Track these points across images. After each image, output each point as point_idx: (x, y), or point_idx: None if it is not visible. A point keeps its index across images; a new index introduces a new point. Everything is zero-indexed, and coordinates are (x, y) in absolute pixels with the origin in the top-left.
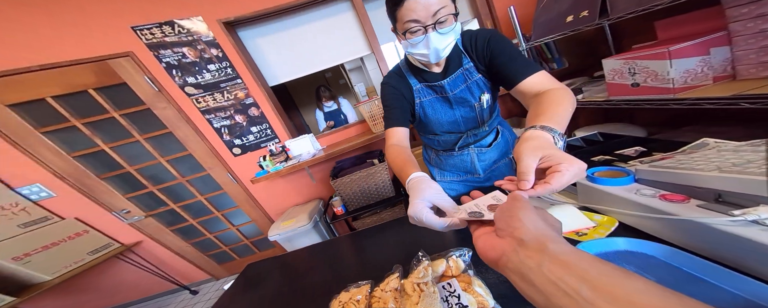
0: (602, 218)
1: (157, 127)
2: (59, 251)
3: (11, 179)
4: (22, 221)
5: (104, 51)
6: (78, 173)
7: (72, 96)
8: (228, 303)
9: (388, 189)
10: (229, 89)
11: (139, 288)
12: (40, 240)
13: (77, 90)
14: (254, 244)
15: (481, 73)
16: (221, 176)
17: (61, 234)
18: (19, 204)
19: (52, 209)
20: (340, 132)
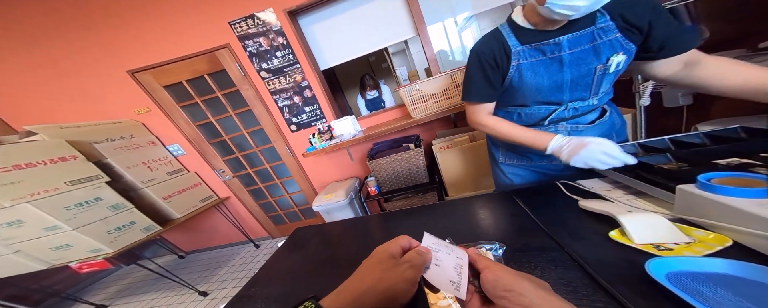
0: (706, 235)
1: (243, 105)
2: (185, 196)
3: (164, 139)
4: (168, 170)
5: (212, 44)
6: (198, 139)
7: (195, 80)
8: (279, 259)
9: (422, 175)
10: (290, 73)
11: (223, 235)
12: (176, 186)
13: (198, 75)
14: (301, 212)
15: (625, 32)
16: (282, 148)
17: (186, 184)
18: (167, 158)
19: (184, 164)
20: (379, 115)
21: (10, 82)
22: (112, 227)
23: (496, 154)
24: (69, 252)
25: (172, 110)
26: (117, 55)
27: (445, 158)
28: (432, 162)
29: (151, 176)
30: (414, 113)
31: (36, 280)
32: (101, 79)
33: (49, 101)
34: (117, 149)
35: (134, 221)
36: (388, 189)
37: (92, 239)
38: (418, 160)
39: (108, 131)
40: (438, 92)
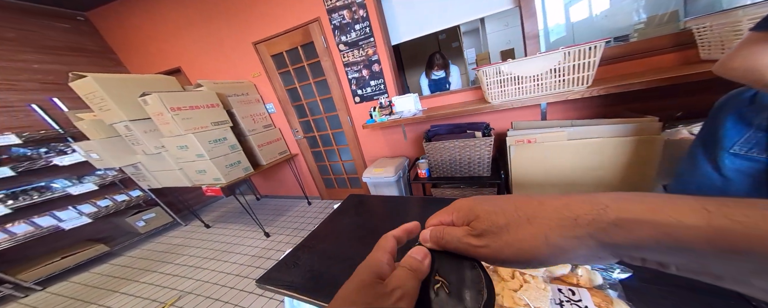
0: None
1: (320, 75)
2: (271, 147)
3: (264, 98)
4: (264, 124)
5: (306, 18)
6: (285, 101)
7: (291, 51)
8: (334, 220)
9: (484, 167)
10: (364, 47)
11: (288, 187)
12: (267, 138)
13: (293, 47)
14: (349, 179)
15: None
16: (344, 118)
17: (272, 137)
18: (264, 114)
19: (273, 120)
20: (443, 97)
21: (190, 49)
22: (228, 162)
23: (730, 133)
24: (203, 177)
25: (273, 75)
26: (247, 30)
27: (522, 154)
28: (500, 155)
29: (254, 126)
30: (491, 98)
31: (180, 194)
32: (237, 49)
33: (209, 63)
34: (239, 102)
35: (240, 161)
36: (440, 175)
37: (217, 169)
38: (483, 150)
39: (235, 88)
40: (530, 76)
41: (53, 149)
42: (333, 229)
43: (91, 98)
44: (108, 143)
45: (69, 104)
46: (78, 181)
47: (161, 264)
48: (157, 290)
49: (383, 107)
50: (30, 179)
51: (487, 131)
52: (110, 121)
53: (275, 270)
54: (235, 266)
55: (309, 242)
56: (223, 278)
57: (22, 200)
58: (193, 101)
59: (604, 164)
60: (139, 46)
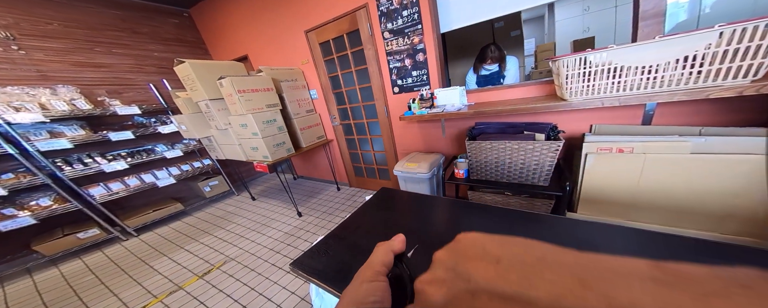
0: None
1: (362, 63)
2: (310, 131)
3: (309, 84)
4: (307, 109)
5: (355, 5)
6: (327, 88)
7: (337, 39)
8: (366, 212)
9: (542, 176)
10: (409, 35)
11: (321, 171)
12: (308, 122)
13: (340, 35)
14: (379, 171)
15: None
16: (380, 108)
17: (313, 122)
18: (308, 99)
19: (315, 106)
20: (494, 92)
21: (254, 38)
22: (275, 142)
23: None
24: (255, 153)
25: (319, 63)
26: (301, 18)
27: (604, 165)
28: (565, 164)
29: (298, 110)
30: (569, 94)
31: (235, 167)
32: (291, 37)
33: (268, 51)
34: (289, 88)
35: (284, 142)
36: (480, 177)
37: (266, 148)
38: (545, 155)
39: (287, 74)
40: (641, 67)
41: (159, 119)
42: (364, 222)
43: (186, 80)
44: (193, 118)
45: (172, 84)
46: (171, 147)
47: (216, 228)
48: (210, 252)
49: (424, 99)
50: (142, 142)
51: (554, 134)
52: (196, 99)
53: (308, 255)
54: (271, 240)
55: (340, 231)
56: (260, 250)
57: (136, 159)
58: (255, 85)
59: (748, 190)
60: (220, 36)
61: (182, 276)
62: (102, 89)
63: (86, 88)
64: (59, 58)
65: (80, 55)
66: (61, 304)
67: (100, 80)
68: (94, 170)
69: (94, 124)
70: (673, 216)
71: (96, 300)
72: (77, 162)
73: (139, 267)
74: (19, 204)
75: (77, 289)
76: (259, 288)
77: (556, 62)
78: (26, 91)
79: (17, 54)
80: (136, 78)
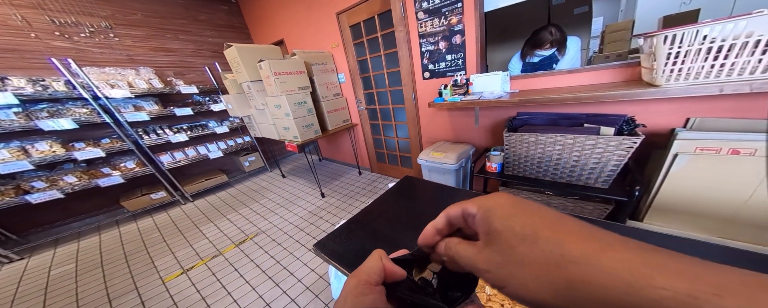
0: None
1: (392, 46)
2: (337, 115)
3: (337, 68)
4: (334, 92)
5: None
6: (355, 71)
7: (368, 21)
8: (388, 199)
9: (603, 177)
10: (447, 15)
11: (344, 154)
12: (335, 106)
13: (371, 16)
14: (401, 158)
15: None
16: (408, 94)
17: (339, 105)
18: (336, 83)
19: (342, 90)
20: (545, 78)
21: (289, 22)
22: (305, 124)
23: None
24: (287, 133)
25: (348, 46)
26: (333, 0)
27: (700, 169)
28: (636, 164)
29: (326, 94)
30: (665, 79)
31: (270, 145)
32: (322, 20)
33: (301, 35)
34: (319, 71)
35: (312, 124)
36: (517, 173)
37: (296, 128)
38: (612, 153)
39: (318, 57)
40: None
41: (211, 98)
42: (386, 209)
43: (233, 63)
44: (237, 98)
45: (222, 67)
46: (220, 123)
47: (251, 201)
48: (245, 223)
49: (458, 85)
50: (198, 118)
51: (630, 127)
52: (240, 80)
53: (330, 238)
54: (296, 218)
55: (362, 217)
56: (286, 226)
57: (194, 132)
58: (289, 68)
59: None
60: (260, 21)
61: (223, 242)
62: (170, 70)
63: (159, 69)
64: (141, 44)
65: (155, 41)
66: (135, 255)
67: (169, 62)
68: (163, 140)
69: (164, 100)
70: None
71: (160, 255)
72: (152, 133)
73: (191, 231)
74: (113, 165)
75: (148, 243)
76: (283, 262)
77: (651, 39)
78: (119, 71)
79: (114, 41)
80: (195, 61)
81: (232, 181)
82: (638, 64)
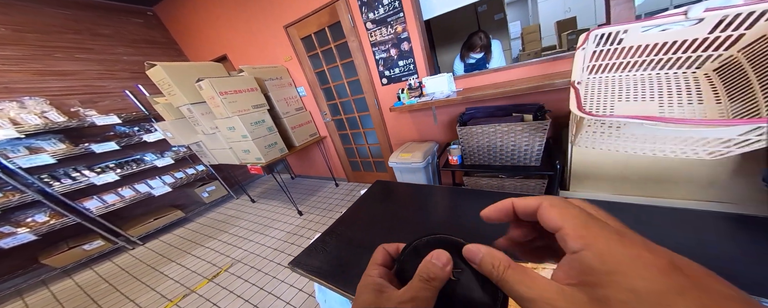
0: None
1: (347, 56)
2: (302, 130)
3: (295, 82)
4: (296, 107)
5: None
6: (314, 84)
7: (319, 33)
8: (361, 206)
9: (533, 156)
10: (392, 24)
11: (318, 168)
12: (299, 121)
13: (321, 28)
14: (375, 164)
15: None
16: (370, 100)
17: (304, 120)
18: (296, 97)
19: (304, 103)
20: (481, 76)
21: (231, 36)
22: (266, 143)
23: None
24: (248, 156)
25: (303, 59)
26: (278, 13)
27: None
28: (554, 143)
29: (287, 109)
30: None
31: (231, 171)
32: (270, 33)
33: (248, 49)
34: (274, 86)
35: (276, 142)
36: (474, 162)
37: (258, 149)
38: (534, 136)
39: (270, 72)
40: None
41: (142, 127)
42: (360, 216)
43: (162, 84)
44: (177, 124)
45: (150, 89)
46: (161, 155)
47: (219, 233)
48: (216, 255)
49: (412, 88)
50: (129, 152)
51: (541, 114)
52: (177, 104)
53: (305, 254)
54: (274, 241)
55: (337, 227)
56: (264, 251)
57: (126, 169)
58: (237, 86)
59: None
60: (194, 36)
61: (192, 279)
62: (73, 98)
63: (56, 98)
64: (18, 68)
65: (39, 63)
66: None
67: (69, 89)
68: (84, 183)
69: (73, 136)
70: (663, 187)
71: (115, 306)
72: (65, 177)
73: (149, 274)
74: (15, 222)
75: (95, 297)
76: (267, 287)
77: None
78: None
79: None
80: (109, 85)
81: (191, 215)
82: (550, 60)
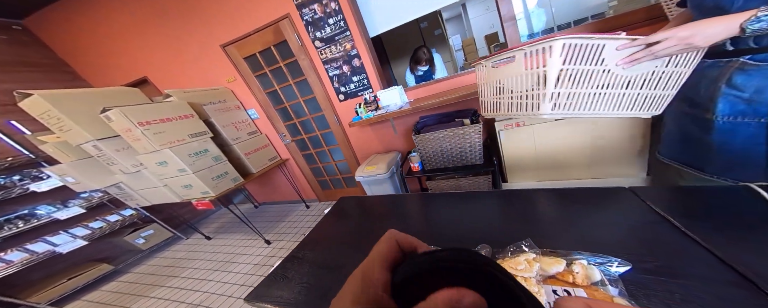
0: None
1: (299, 74)
2: (259, 155)
3: (244, 104)
4: (248, 131)
5: (276, 15)
6: (267, 105)
7: (264, 51)
8: (326, 225)
9: (476, 155)
10: (341, 42)
11: (284, 193)
12: (254, 145)
13: (266, 47)
14: (344, 180)
15: None
16: (330, 117)
17: (260, 144)
18: (247, 120)
19: (258, 126)
20: (429, 86)
21: (153, 56)
22: (214, 174)
23: None
24: (191, 191)
25: (249, 79)
26: (212, 31)
27: (512, 139)
28: (491, 141)
29: (237, 135)
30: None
31: (174, 210)
32: (205, 53)
33: (177, 70)
34: (216, 110)
35: (227, 172)
36: (433, 167)
37: (203, 182)
38: (473, 138)
39: (210, 95)
40: None
41: (27, 175)
42: (324, 236)
43: (48, 118)
44: (81, 165)
45: (32, 126)
46: (63, 206)
47: (168, 279)
48: (168, 304)
49: (368, 102)
50: (12, 207)
51: (476, 118)
52: (75, 142)
53: (264, 285)
54: (240, 276)
55: (299, 251)
56: (229, 289)
57: (8, 230)
58: (164, 114)
59: (595, 143)
60: (94, 56)
61: None
62: None
63: None
64: None
65: None
66: None
67: None
68: None
69: None
70: (565, 171)
71: None
72: None
73: None
74: None
75: None
76: None
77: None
78: None
79: None
80: None
81: (124, 266)
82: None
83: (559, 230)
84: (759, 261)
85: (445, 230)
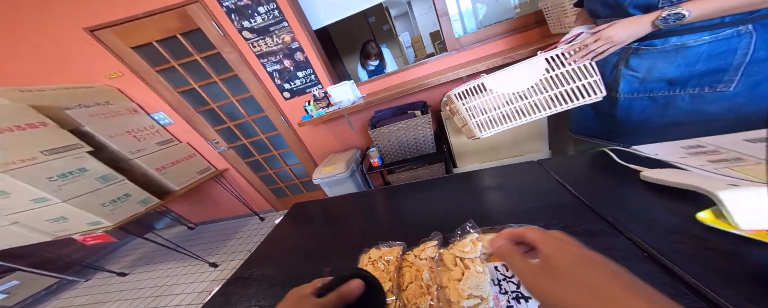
0: None
1: (227, 69)
2: (181, 168)
3: (146, 107)
4: (157, 140)
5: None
6: (183, 106)
7: (167, 41)
8: (278, 236)
9: (429, 145)
10: (278, 33)
11: (228, 208)
12: (169, 157)
13: (169, 35)
14: (303, 184)
15: None
16: (275, 118)
17: (180, 155)
18: (154, 127)
19: (174, 134)
20: (381, 80)
21: None
22: (105, 199)
23: None
24: (67, 224)
25: (147, 75)
26: (70, 10)
27: (456, 127)
28: (441, 130)
29: (139, 146)
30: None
31: (52, 250)
32: (57, 38)
33: (12, 62)
34: (94, 116)
35: (129, 194)
36: (392, 160)
37: (86, 211)
38: (425, 128)
39: (79, 96)
40: None
41: None
42: (275, 249)
43: None
44: None
45: None
46: None
47: None
48: None
49: (318, 99)
50: None
51: (425, 109)
52: None
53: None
54: (183, 307)
55: (244, 271)
56: None
57: None
58: None
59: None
60: None
61: None
62: None
63: None
64: None
65: None
66: None
67: None
68: None
69: None
70: (498, 152)
71: None
72: None
73: None
74: None
75: None
76: None
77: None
78: None
79: None
80: None
81: None
82: (421, 64)
83: (496, 206)
84: (619, 211)
85: (406, 221)
